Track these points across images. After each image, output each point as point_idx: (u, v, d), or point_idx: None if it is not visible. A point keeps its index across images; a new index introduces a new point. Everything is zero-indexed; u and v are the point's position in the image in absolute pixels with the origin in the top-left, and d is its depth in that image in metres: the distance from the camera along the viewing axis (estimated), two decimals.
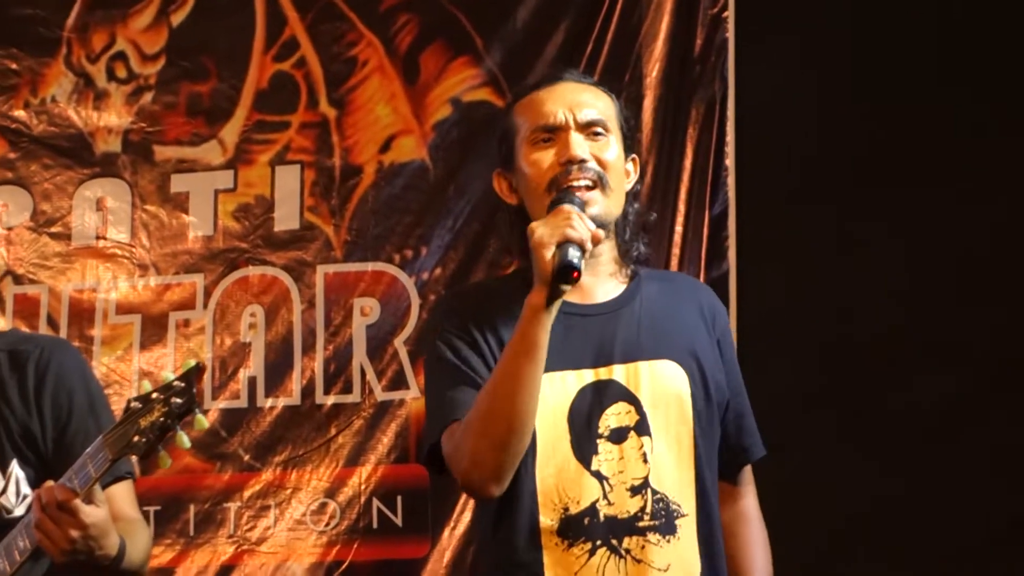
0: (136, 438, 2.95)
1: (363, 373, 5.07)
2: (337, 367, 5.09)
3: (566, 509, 3.03)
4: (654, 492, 3.04)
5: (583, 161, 3.10)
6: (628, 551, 3.02)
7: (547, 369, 3.00)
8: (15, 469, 3.27)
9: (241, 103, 5.28)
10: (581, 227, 2.95)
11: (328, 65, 5.25)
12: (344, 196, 5.17)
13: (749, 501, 3.28)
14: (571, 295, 3.02)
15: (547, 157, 3.12)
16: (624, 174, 3.20)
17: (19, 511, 3.25)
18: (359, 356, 5.08)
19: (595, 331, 3.11)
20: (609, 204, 3.12)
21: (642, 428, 3.05)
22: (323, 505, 5.04)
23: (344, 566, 5.00)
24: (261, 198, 5.24)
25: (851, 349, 4.72)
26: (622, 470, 3.04)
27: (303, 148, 5.23)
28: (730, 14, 4.99)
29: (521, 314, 2.96)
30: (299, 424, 5.09)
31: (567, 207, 2.99)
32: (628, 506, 3.03)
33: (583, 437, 3.04)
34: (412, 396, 5.03)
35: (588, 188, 3.09)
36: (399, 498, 5.00)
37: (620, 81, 5.01)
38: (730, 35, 4.99)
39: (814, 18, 4.91)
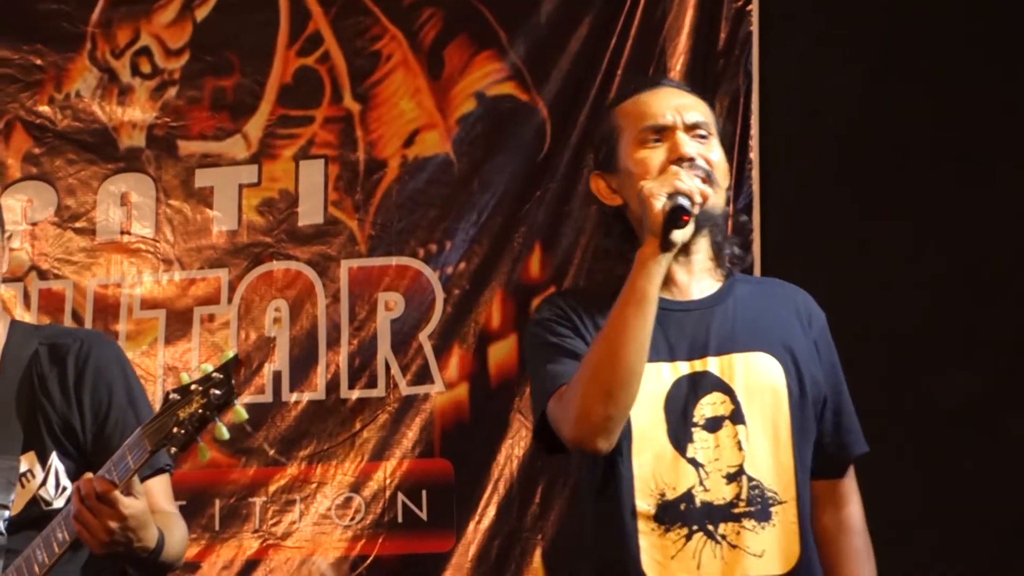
0: (175, 429, 2.95)
1: (388, 367, 5.07)
2: (362, 362, 5.09)
3: (663, 495, 3.08)
4: (750, 479, 3.09)
5: (692, 159, 3.15)
6: (724, 536, 3.07)
7: (648, 359, 3.07)
8: (55, 461, 3.29)
9: (265, 98, 5.28)
10: (690, 181, 3.04)
11: (352, 59, 5.25)
12: (368, 191, 5.18)
13: (853, 508, 3.30)
14: (668, 292, 3.13)
15: (656, 156, 3.17)
16: (726, 176, 3.25)
17: (58, 503, 3.26)
18: (384, 350, 5.08)
19: (690, 325, 3.16)
20: (716, 200, 3.16)
21: (737, 417, 3.11)
22: (348, 500, 5.04)
23: (369, 560, 5.00)
24: (285, 192, 5.24)
25: (878, 341, 4.71)
26: (717, 458, 3.10)
27: (327, 143, 5.23)
28: (754, 7, 4.98)
29: (633, 266, 3.03)
30: (324, 419, 5.09)
31: (675, 167, 3.08)
32: (724, 493, 3.08)
33: (678, 426, 3.10)
34: (437, 390, 5.03)
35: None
36: (424, 492, 5.00)
37: (644, 75, 5.00)
38: (754, 29, 4.98)
39: (838, 11, 4.91)
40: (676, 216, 3.00)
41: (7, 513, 3.26)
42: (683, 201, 3.00)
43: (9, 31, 5.44)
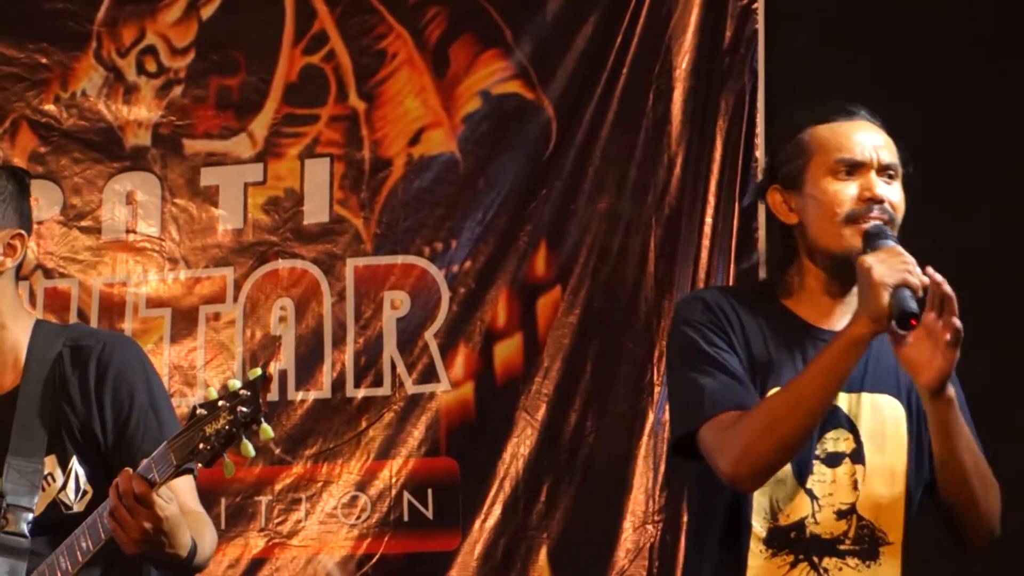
0: (201, 445, 2.94)
1: (393, 366, 5.07)
2: (367, 360, 5.09)
3: (776, 520, 3.15)
4: (860, 519, 3.16)
5: (883, 202, 3.19)
6: (826, 570, 3.14)
7: (776, 384, 3.15)
8: (75, 465, 3.28)
9: (271, 96, 5.28)
10: (918, 274, 3.04)
11: (357, 58, 5.25)
12: (374, 189, 5.18)
13: None
14: (818, 318, 3.22)
15: (847, 190, 3.19)
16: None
17: (78, 507, 3.27)
18: (389, 349, 5.08)
19: None
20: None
21: (857, 456, 3.17)
22: (354, 498, 5.04)
23: (375, 559, 5.01)
24: (291, 191, 5.24)
25: None
26: (832, 492, 3.16)
27: (333, 141, 5.23)
28: (759, 6, 4.98)
29: (840, 339, 3.05)
30: (330, 417, 5.09)
31: (900, 248, 3.07)
32: (833, 528, 3.15)
33: (802, 455, 3.14)
34: (442, 389, 5.03)
35: None
36: (430, 491, 5.00)
37: (650, 73, 5.03)
38: (759, 27, 4.98)
39: (843, 8, 4.91)
40: (906, 320, 2.98)
41: (31, 516, 3.26)
42: (914, 306, 2.99)
43: (15, 30, 5.43)
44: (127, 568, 3.27)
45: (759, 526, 3.15)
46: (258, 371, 2.98)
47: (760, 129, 4.93)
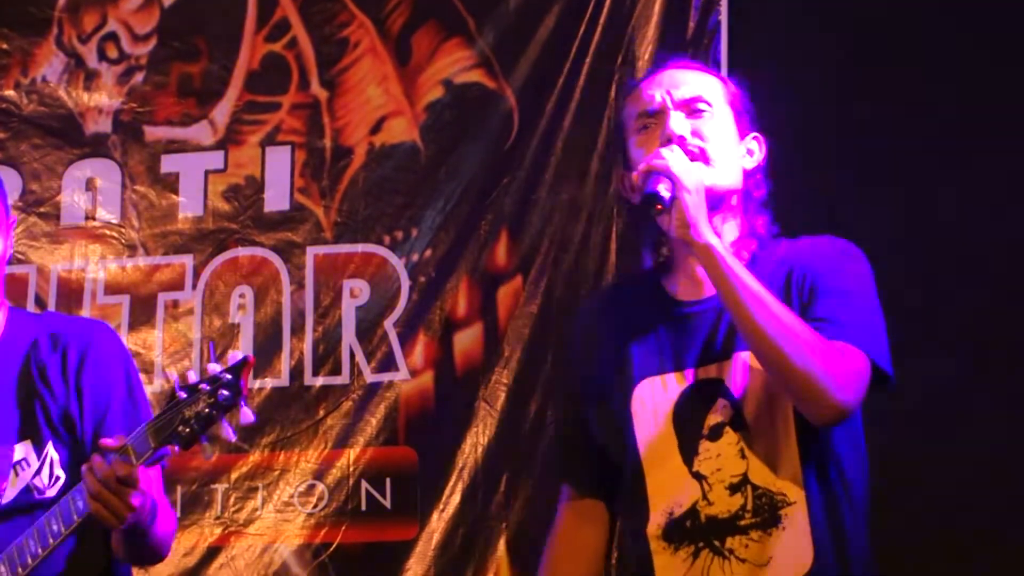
0: (180, 428, 2.98)
1: (352, 355, 5.05)
2: (326, 349, 5.08)
3: (671, 513, 3.01)
4: (754, 488, 2.98)
5: (681, 138, 3.04)
6: (731, 551, 2.98)
7: (654, 372, 3.03)
8: (50, 450, 3.29)
9: (232, 84, 5.27)
10: (671, 156, 2.96)
11: (320, 46, 5.24)
12: (335, 177, 5.16)
13: None
14: (686, 289, 3.07)
15: (651, 142, 3.06)
16: (734, 148, 3.13)
17: (51, 492, 3.27)
18: (348, 338, 5.06)
19: (703, 328, 3.04)
20: (714, 175, 3.04)
21: (737, 423, 2.99)
22: (311, 487, 5.02)
23: (332, 548, 4.98)
24: (251, 179, 5.23)
25: None
26: (720, 467, 2.99)
27: (294, 129, 5.22)
28: None
29: None
30: (287, 406, 5.07)
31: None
32: (728, 505, 2.99)
33: (688, 438, 3.01)
34: (401, 378, 5.02)
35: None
36: (388, 480, 4.98)
37: (612, 64, 5.02)
38: (723, 18, 4.98)
39: (807, 1, 4.91)
40: (649, 205, 2.92)
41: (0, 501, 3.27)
42: (656, 188, 2.91)
43: None
44: (95, 549, 3.28)
45: (656, 524, 3.01)
46: (240, 354, 2.99)
47: None
